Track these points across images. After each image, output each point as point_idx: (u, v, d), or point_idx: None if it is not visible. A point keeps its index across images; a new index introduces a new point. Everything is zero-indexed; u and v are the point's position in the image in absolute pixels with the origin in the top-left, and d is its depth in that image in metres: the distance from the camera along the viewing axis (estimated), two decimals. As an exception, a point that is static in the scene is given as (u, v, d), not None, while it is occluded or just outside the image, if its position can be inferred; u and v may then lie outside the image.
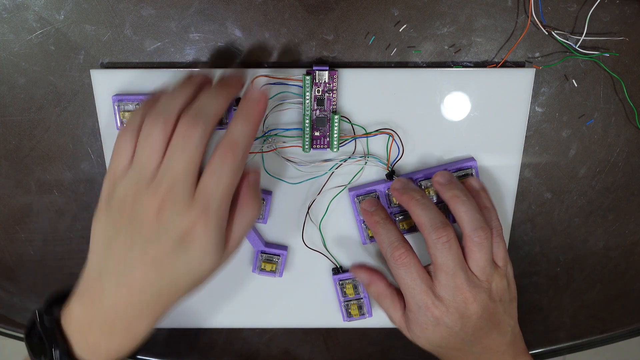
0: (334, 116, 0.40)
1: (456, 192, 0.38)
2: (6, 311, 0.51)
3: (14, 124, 0.43)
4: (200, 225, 0.31)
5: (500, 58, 0.41)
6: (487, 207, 0.39)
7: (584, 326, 0.51)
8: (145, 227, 0.31)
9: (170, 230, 0.31)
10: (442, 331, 0.38)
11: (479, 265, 0.37)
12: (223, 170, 0.31)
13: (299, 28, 0.40)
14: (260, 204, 0.39)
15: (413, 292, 0.38)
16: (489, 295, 0.38)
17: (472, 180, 0.41)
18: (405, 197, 0.39)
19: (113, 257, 0.32)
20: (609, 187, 0.45)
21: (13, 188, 0.45)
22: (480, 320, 0.38)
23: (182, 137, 0.31)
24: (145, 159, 0.31)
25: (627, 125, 0.43)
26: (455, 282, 0.37)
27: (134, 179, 0.32)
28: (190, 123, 0.31)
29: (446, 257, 0.37)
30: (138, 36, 0.40)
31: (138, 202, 0.31)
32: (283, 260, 0.45)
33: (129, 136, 0.32)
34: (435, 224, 0.37)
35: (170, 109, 0.31)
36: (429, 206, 0.38)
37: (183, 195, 0.31)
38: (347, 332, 0.51)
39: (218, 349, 0.52)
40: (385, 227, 0.39)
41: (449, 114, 0.41)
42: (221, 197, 0.31)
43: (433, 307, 0.37)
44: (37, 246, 0.47)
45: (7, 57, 0.41)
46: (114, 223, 0.32)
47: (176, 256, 0.31)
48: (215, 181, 0.31)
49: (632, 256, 0.48)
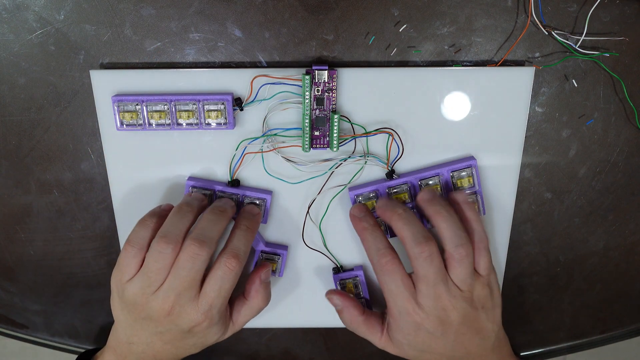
0: (334, 116, 0.40)
1: (438, 207, 0.39)
2: (6, 311, 0.51)
3: (14, 124, 0.43)
4: (205, 322, 0.38)
5: (500, 58, 0.41)
6: (471, 220, 0.40)
7: (584, 326, 0.51)
8: (159, 323, 0.39)
9: (180, 325, 0.38)
10: (424, 336, 0.39)
11: (459, 278, 0.38)
12: (225, 277, 0.38)
13: (299, 28, 0.40)
14: (269, 297, 0.43)
15: (396, 298, 0.39)
16: (470, 303, 0.39)
17: (456, 194, 0.41)
18: (388, 213, 0.40)
19: (138, 336, 0.40)
20: (609, 187, 0.45)
21: (13, 188, 0.45)
22: (461, 326, 0.39)
23: (190, 256, 0.37)
24: (155, 272, 0.37)
25: (627, 125, 0.43)
26: (435, 292, 0.38)
27: (143, 284, 0.38)
28: (197, 245, 0.37)
29: (427, 270, 0.37)
30: (138, 36, 0.40)
31: (149, 305, 0.38)
32: (283, 260, 0.45)
33: (137, 251, 0.38)
34: (417, 239, 0.38)
35: (177, 232, 0.38)
36: (412, 220, 0.39)
37: (189, 300, 0.38)
38: (347, 332, 0.51)
39: (218, 349, 0.52)
40: (373, 233, 0.40)
41: (448, 113, 0.41)
42: (223, 299, 0.38)
43: (414, 313, 0.38)
44: (37, 246, 0.47)
45: (7, 57, 0.41)
46: (131, 314, 0.39)
47: (186, 339, 0.40)
48: (218, 286, 0.38)
49: (632, 256, 0.48)
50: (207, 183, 0.42)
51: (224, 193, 0.42)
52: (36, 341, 0.53)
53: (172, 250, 0.37)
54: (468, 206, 0.40)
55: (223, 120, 0.40)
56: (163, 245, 0.37)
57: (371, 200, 0.42)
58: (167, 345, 0.40)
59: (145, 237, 0.38)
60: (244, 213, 0.41)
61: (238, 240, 0.39)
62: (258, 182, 0.43)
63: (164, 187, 0.43)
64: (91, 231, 0.47)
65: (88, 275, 0.49)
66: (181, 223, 0.38)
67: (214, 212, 0.39)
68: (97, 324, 0.51)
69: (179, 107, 0.40)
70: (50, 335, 0.52)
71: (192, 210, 0.39)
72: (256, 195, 0.43)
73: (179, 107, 0.40)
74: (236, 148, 0.42)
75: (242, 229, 0.40)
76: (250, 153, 0.42)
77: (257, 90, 0.40)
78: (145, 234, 0.39)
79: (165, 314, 0.38)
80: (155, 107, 0.40)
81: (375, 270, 0.40)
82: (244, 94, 0.41)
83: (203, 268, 0.37)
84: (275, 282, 0.47)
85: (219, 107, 0.40)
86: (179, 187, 0.43)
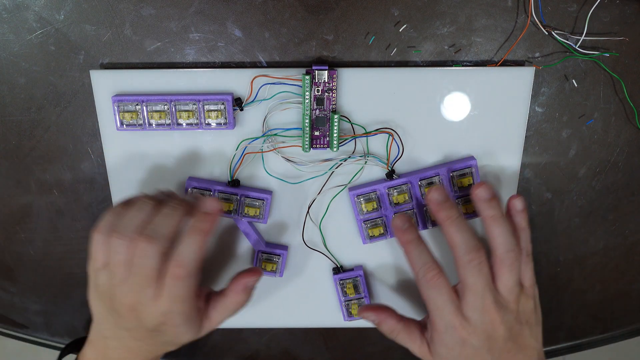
0: (334, 116, 0.40)
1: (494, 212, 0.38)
2: (6, 311, 0.51)
3: (14, 124, 0.43)
4: (168, 322, 0.37)
5: (500, 58, 0.41)
6: (522, 228, 0.40)
7: (584, 326, 0.51)
8: (125, 318, 0.37)
9: (145, 323, 0.37)
10: (469, 352, 0.38)
11: (507, 287, 0.38)
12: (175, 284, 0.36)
13: (299, 28, 0.40)
14: (248, 299, 0.41)
15: (442, 312, 0.38)
16: (516, 317, 0.38)
17: (516, 201, 0.40)
18: (442, 214, 0.39)
19: (110, 329, 0.39)
20: (609, 187, 0.45)
21: (13, 188, 0.45)
22: (506, 342, 0.38)
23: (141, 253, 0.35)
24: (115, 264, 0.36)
25: (627, 125, 0.43)
26: (483, 303, 0.37)
27: (109, 275, 0.37)
28: (146, 242, 0.35)
29: (476, 279, 0.37)
30: (138, 36, 0.40)
31: (116, 297, 0.37)
32: (283, 260, 0.45)
33: (105, 237, 0.36)
34: (468, 246, 0.37)
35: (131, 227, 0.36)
36: (464, 227, 0.38)
37: (149, 299, 0.36)
38: (347, 332, 0.51)
39: (218, 349, 0.52)
40: (419, 247, 0.39)
41: (448, 113, 0.41)
42: (181, 304, 0.37)
43: (460, 328, 0.38)
44: (37, 246, 0.47)
45: (7, 57, 0.41)
46: (104, 305, 0.38)
47: (156, 337, 0.38)
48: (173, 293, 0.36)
49: (632, 256, 0.48)
50: (207, 183, 0.42)
51: (224, 193, 0.42)
52: (36, 341, 0.53)
53: (127, 246, 0.35)
54: (524, 215, 0.40)
55: (223, 120, 0.40)
56: (116, 240, 0.35)
57: (372, 202, 0.42)
58: (139, 342, 0.39)
59: (111, 223, 0.36)
60: (197, 210, 0.37)
61: (185, 246, 0.36)
62: (258, 182, 0.43)
63: (164, 187, 0.43)
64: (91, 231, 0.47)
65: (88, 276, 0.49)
66: (136, 217, 0.36)
67: (170, 206, 0.37)
68: (97, 324, 0.51)
69: (179, 107, 0.40)
70: (50, 335, 0.52)
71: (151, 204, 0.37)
72: (256, 195, 0.43)
73: (179, 107, 0.40)
74: (236, 148, 0.42)
75: (191, 231, 0.36)
76: (250, 153, 0.42)
77: (257, 90, 0.40)
78: (112, 221, 0.37)
79: (129, 309, 0.37)
80: (155, 107, 0.40)
81: (419, 284, 0.39)
82: (244, 94, 0.41)
83: (156, 265, 0.35)
84: (275, 282, 0.47)
85: (219, 107, 0.40)
86: (179, 187, 0.43)
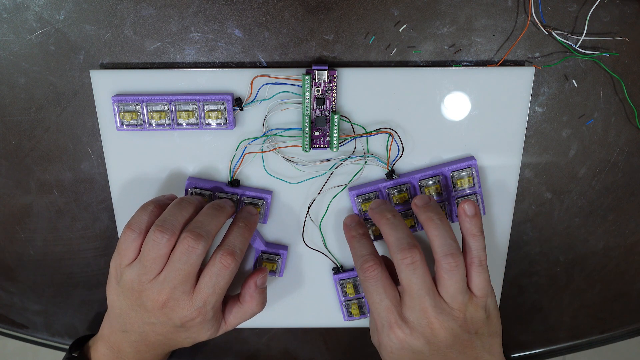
0: (334, 116, 0.40)
1: (430, 214, 0.37)
2: (6, 311, 0.51)
3: (14, 124, 0.43)
4: (198, 318, 0.38)
5: (500, 58, 0.41)
6: (473, 235, 0.38)
7: (584, 326, 0.51)
8: (152, 314, 0.38)
9: (173, 319, 0.38)
10: (409, 356, 0.37)
11: (448, 292, 0.36)
12: (220, 273, 0.37)
13: (299, 28, 0.40)
14: (264, 303, 0.42)
15: (378, 308, 0.37)
16: (462, 325, 0.36)
17: (467, 205, 0.38)
18: (377, 216, 0.39)
19: (131, 324, 0.40)
20: (609, 187, 0.45)
21: (13, 188, 0.45)
22: (451, 350, 0.36)
23: (186, 249, 0.36)
24: (150, 260, 0.37)
25: (627, 125, 0.43)
26: (420, 305, 0.36)
27: (140, 271, 0.37)
28: (193, 238, 0.36)
29: (410, 279, 0.36)
30: (138, 36, 0.40)
31: (144, 293, 0.37)
32: (283, 260, 0.45)
33: (136, 235, 0.38)
34: (401, 245, 0.36)
35: (176, 223, 0.37)
36: (399, 226, 0.37)
37: (184, 294, 0.37)
38: (347, 332, 0.51)
39: (218, 349, 0.52)
40: (360, 241, 0.39)
41: (448, 113, 0.41)
42: (217, 296, 0.38)
43: (396, 326, 0.36)
44: (37, 246, 0.47)
45: (7, 57, 0.41)
46: (127, 300, 0.39)
47: (179, 333, 0.39)
48: (213, 283, 0.37)
49: (632, 256, 0.48)
50: (207, 183, 0.42)
51: (224, 193, 0.42)
52: (36, 341, 0.53)
53: (168, 240, 0.36)
54: (476, 220, 0.38)
55: (223, 120, 0.40)
56: (158, 234, 0.36)
57: (371, 200, 0.42)
58: (160, 336, 0.40)
59: (145, 222, 0.38)
60: (243, 212, 0.41)
61: (235, 237, 0.38)
62: (258, 182, 0.43)
63: (164, 187, 0.43)
64: (91, 231, 0.47)
65: (88, 275, 0.49)
66: (180, 214, 0.38)
67: (213, 207, 0.39)
68: (97, 323, 0.51)
69: (179, 107, 0.40)
70: (50, 335, 0.52)
71: (193, 204, 0.39)
72: (256, 195, 0.43)
73: (179, 107, 0.40)
74: (236, 148, 0.42)
75: (239, 226, 0.39)
76: (250, 153, 0.42)
77: (257, 90, 0.40)
78: (145, 219, 0.38)
79: (160, 306, 0.37)
80: (155, 107, 0.40)
81: (360, 279, 0.38)
82: (244, 94, 0.41)
83: (198, 262, 0.37)
84: (275, 282, 0.47)
85: (219, 107, 0.40)
86: (179, 187, 0.43)
